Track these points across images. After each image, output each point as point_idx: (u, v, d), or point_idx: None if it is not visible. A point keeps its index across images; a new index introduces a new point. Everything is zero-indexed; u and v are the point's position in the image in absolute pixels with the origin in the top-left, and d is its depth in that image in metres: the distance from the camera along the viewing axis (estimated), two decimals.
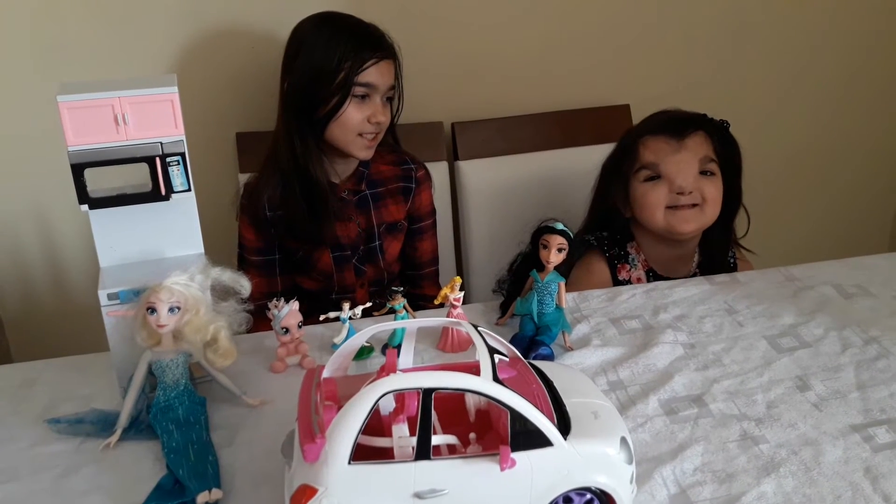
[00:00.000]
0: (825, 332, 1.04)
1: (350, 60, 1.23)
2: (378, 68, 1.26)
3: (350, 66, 1.23)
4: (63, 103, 0.83)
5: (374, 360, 0.99)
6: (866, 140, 1.94)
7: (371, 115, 1.27)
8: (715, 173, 1.26)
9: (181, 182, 0.90)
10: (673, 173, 1.24)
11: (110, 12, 1.42)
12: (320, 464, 0.62)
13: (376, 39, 1.28)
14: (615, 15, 1.65)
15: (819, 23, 1.78)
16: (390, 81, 1.29)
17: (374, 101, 1.28)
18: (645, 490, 0.76)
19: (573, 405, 0.70)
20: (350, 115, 1.26)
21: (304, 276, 1.37)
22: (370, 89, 1.26)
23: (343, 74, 1.23)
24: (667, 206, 1.25)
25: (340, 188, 1.35)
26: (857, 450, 0.81)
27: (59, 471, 0.80)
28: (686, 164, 1.24)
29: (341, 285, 1.36)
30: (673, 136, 1.25)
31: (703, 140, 1.26)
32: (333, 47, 1.24)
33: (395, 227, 1.39)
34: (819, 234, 2.02)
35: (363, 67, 1.24)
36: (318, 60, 1.24)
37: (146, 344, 0.85)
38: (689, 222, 1.24)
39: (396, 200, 1.39)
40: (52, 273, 1.57)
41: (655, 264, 1.32)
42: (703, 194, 1.24)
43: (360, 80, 1.24)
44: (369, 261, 1.37)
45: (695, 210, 1.24)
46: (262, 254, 1.35)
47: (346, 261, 1.35)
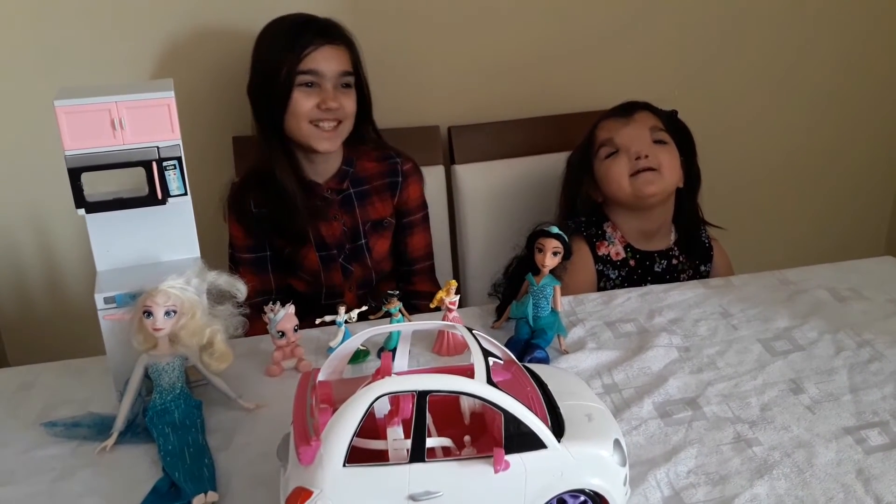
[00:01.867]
0: (819, 335, 1.04)
1: (290, 49, 1.24)
2: (321, 53, 1.25)
3: (291, 55, 1.24)
4: (60, 108, 0.84)
5: (369, 364, 1.00)
6: (861, 143, 1.95)
7: (321, 101, 1.26)
8: (667, 142, 1.35)
9: (177, 186, 0.91)
10: (627, 142, 1.34)
11: (107, 17, 1.42)
12: (315, 466, 0.62)
13: (320, 27, 1.27)
14: (611, 19, 1.66)
15: (812, 26, 1.79)
16: (340, 67, 1.28)
17: (323, 88, 1.26)
18: (639, 492, 0.76)
19: (567, 407, 0.71)
20: (299, 104, 1.25)
21: (293, 276, 1.37)
22: (316, 76, 1.25)
23: (286, 65, 1.24)
24: (630, 175, 1.33)
25: (323, 187, 1.35)
26: (850, 452, 0.81)
27: (55, 474, 0.80)
28: (637, 133, 1.34)
29: (329, 286, 1.36)
30: (621, 115, 1.38)
31: (649, 116, 1.37)
32: (277, 41, 1.26)
33: (380, 225, 1.38)
34: (813, 238, 2.02)
35: (304, 53, 1.24)
36: (265, 56, 1.27)
37: (142, 347, 0.85)
38: (652, 184, 1.32)
39: (382, 197, 1.38)
40: (49, 277, 1.57)
41: (632, 239, 1.38)
42: (659, 159, 1.33)
43: (303, 67, 1.24)
44: (356, 260, 1.37)
45: (654, 173, 1.32)
46: (253, 251, 1.35)
47: (332, 260, 1.35)
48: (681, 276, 1.39)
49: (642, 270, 1.37)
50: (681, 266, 1.40)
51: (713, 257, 1.43)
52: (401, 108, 1.61)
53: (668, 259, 1.39)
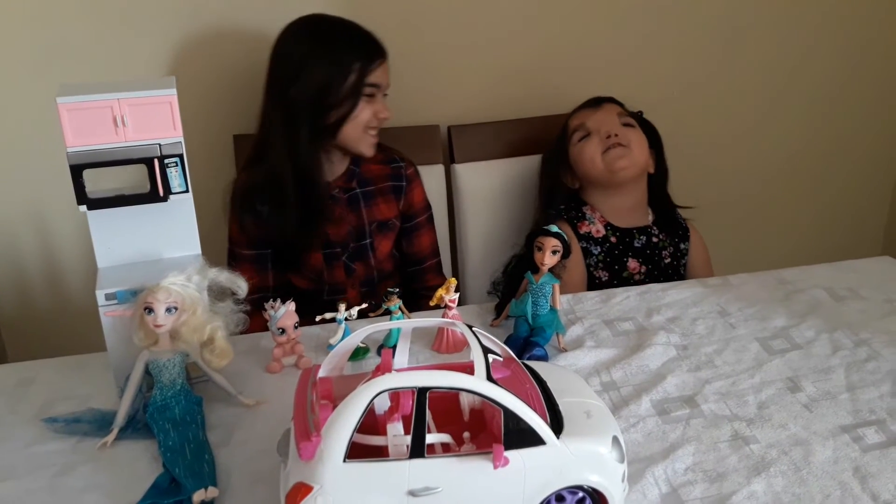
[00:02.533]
0: (816, 334, 1.05)
1: (360, 63, 1.28)
2: (382, 68, 1.32)
3: (360, 69, 1.28)
4: (62, 105, 0.84)
5: (369, 361, 1.00)
6: (859, 144, 1.95)
7: (378, 110, 1.32)
8: (634, 126, 1.43)
9: (179, 183, 0.91)
10: (598, 125, 1.42)
11: (109, 14, 1.43)
12: (315, 462, 0.63)
13: (376, 42, 1.33)
14: (611, 20, 1.66)
15: (812, 28, 1.79)
16: (388, 80, 1.35)
17: (378, 99, 1.33)
18: (637, 489, 0.76)
19: (566, 405, 0.71)
20: (363, 113, 1.31)
21: (295, 273, 1.37)
22: (376, 88, 1.31)
23: (354, 77, 1.28)
24: (602, 154, 1.40)
25: (331, 186, 1.36)
26: (847, 450, 0.82)
27: (55, 469, 0.80)
28: (606, 117, 1.43)
29: (332, 284, 1.37)
30: (590, 106, 1.48)
31: (616, 106, 1.47)
32: (341, 55, 1.28)
33: (386, 226, 1.40)
34: (812, 238, 2.03)
35: (371, 69, 1.29)
36: (327, 69, 1.27)
37: (143, 344, 0.85)
38: (622, 157, 1.39)
39: (387, 199, 1.40)
40: (50, 273, 1.57)
41: (611, 217, 1.44)
42: (627, 138, 1.41)
43: (370, 80, 1.30)
44: (359, 259, 1.38)
45: (624, 149, 1.40)
46: (254, 248, 1.35)
47: (335, 258, 1.36)
48: (662, 253, 1.44)
49: (623, 246, 1.42)
50: (661, 243, 1.44)
51: (690, 237, 1.49)
52: (401, 107, 1.61)
53: (647, 235, 1.44)
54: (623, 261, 1.41)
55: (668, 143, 1.51)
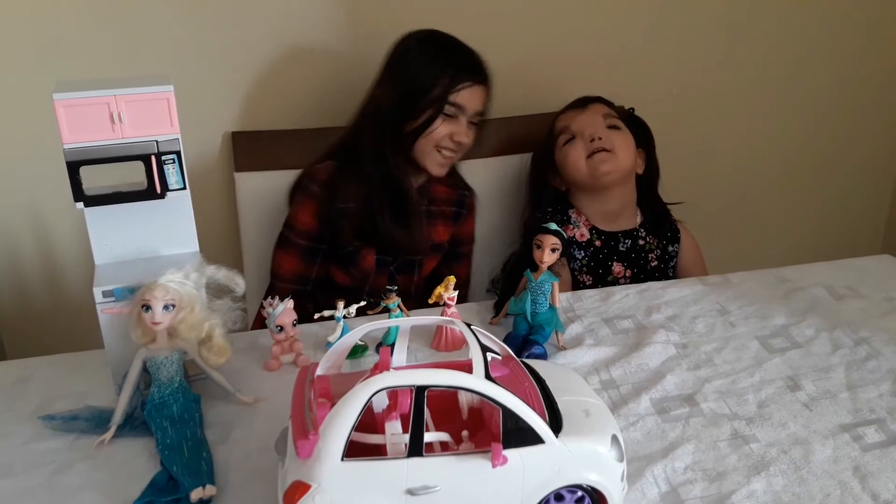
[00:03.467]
0: (816, 332, 1.05)
1: (447, 78, 1.27)
2: (471, 91, 1.30)
3: (446, 84, 1.27)
4: (59, 101, 0.83)
5: (367, 359, 1.00)
6: (859, 143, 1.95)
7: (454, 133, 1.30)
8: (620, 128, 1.42)
9: (176, 180, 0.91)
10: (582, 127, 1.41)
11: (106, 11, 1.42)
12: (313, 460, 0.63)
13: (476, 64, 1.32)
14: (611, 17, 1.66)
15: (812, 27, 1.79)
16: (478, 107, 1.33)
17: (459, 122, 1.31)
18: (636, 488, 0.76)
19: (565, 403, 0.71)
20: (437, 130, 1.29)
21: (341, 269, 1.35)
22: (459, 110, 1.30)
23: (438, 91, 1.27)
24: (586, 158, 1.39)
25: None
26: (847, 449, 0.82)
27: (53, 467, 0.80)
28: (591, 119, 1.42)
29: (373, 288, 1.35)
30: (576, 106, 1.46)
31: (602, 106, 1.45)
32: (434, 64, 1.29)
33: (438, 248, 1.41)
34: (811, 237, 2.03)
35: (458, 88, 1.28)
36: (416, 75, 1.29)
37: (141, 341, 0.85)
38: (606, 162, 1.38)
39: (446, 223, 1.41)
40: (47, 271, 1.57)
41: (596, 221, 1.44)
42: (612, 142, 1.39)
43: (452, 99, 1.28)
44: (405, 272, 1.38)
45: (608, 153, 1.38)
46: (312, 240, 1.32)
47: (385, 265, 1.35)
48: (648, 256, 1.43)
49: (608, 250, 1.42)
50: (648, 246, 1.44)
51: (680, 239, 1.47)
52: None
53: (633, 239, 1.43)
54: (608, 265, 1.41)
55: (666, 140, 1.50)
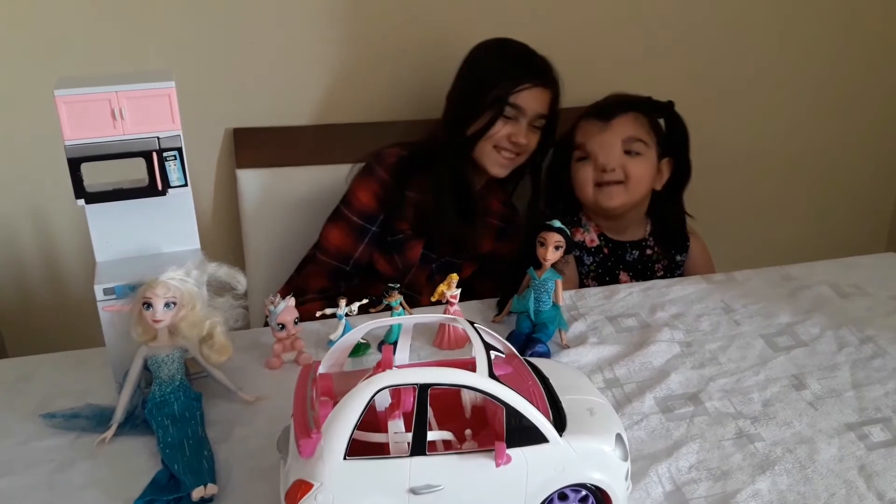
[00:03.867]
0: (821, 331, 1.04)
1: (508, 80, 1.28)
2: (532, 93, 1.30)
3: (507, 86, 1.28)
4: (60, 97, 0.83)
5: (370, 357, 0.99)
6: (865, 140, 1.94)
7: (512, 133, 1.30)
8: (641, 153, 1.34)
9: (178, 177, 0.90)
10: (597, 152, 1.34)
11: (107, 7, 1.42)
12: (315, 459, 0.62)
13: (538, 67, 1.32)
14: (616, 15, 1.65)
15: (819, 24, 1.78)
16: (540, 109, 1.32)
17: (519, 123, 1.31)
18: (640, 487, 0.76)
19: (569, 402, 0.70)
20: (494, 130, 1.30)
21: (386, 257, 1.35)
22: (518, 111, 1.30)
23: (498, 92, 1.28)
24: (595, 183, 1.34)
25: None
26: (852, 448, 0.81)
27: (54, 465, 0.80)
28: (609, 144, 1.33)
29: (411, 281, 1.35)
30: (599, 118, 1.36)
31: (630, 121, 1.35)
32: (497, 66, 1.31)
33: (480, 257, 1.40)
34: (817, 235, 2.02)
35: (518, 89, 1.28)
36: (480, 77, 1.31)
37: (142, 339, 0.85)
38: (614, 198, 1.33)
39: (490, 235, 1.41)
40: (48, 268, 1.56)
41: (605, 229, 1.41)
42: (627, 172, 1.33)
43: (512, 100, 1.28)
44: (444, 272, 1.37)
45: (620, 186, 1.33)
46: (365, 220, 1.33)
47: (428, 262, 1.35)
48: (654, 266, 1.41)
49: (615, 259, 1.39)
50: (655, 256, 1.41)
51: (689, 247, 1.43)
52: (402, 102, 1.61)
53: (640, 249, 1.41)
54: (615, 273, 1.39)
55: None
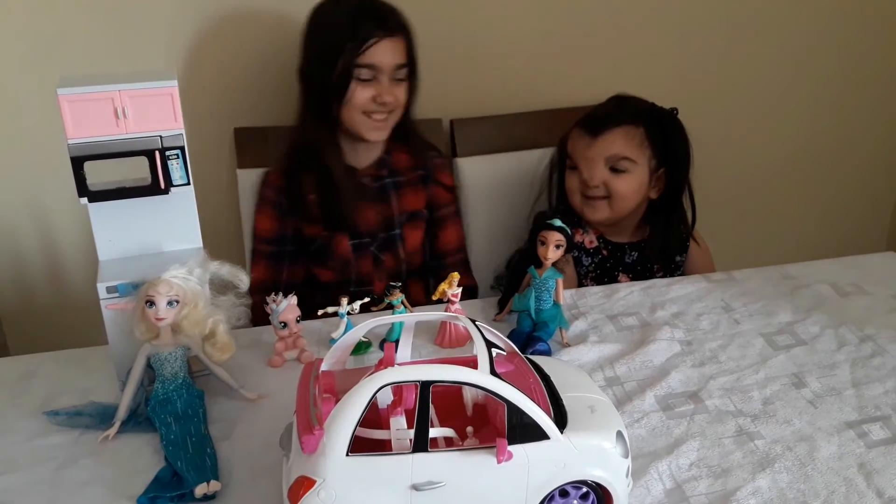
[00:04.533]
0: (821, 329, 1.04)
1: (350, 41, 1.21)
2: (381, 46, 1.22)
3: (351, 48, 1.21)
4: (63, 96, 0.83)
5: (371, 356, 0.99)
6: (864, 140, 1.94)
7: (377, 94, 1.25)
8: (627, 170, 1.31)
9: (180, 176, 0.91)
10: (582, 165, 1.33)
11: (108, 5, 1.42)
12: (318, 455, 0.63)
13: (379, 17, 1.24)
14: (614, 13, 1.65)
15: (817, 23, 1.78)
16: (397, 60, 1.25)
17: (380, 82, 1.25)
18: (641, 484, 0.76)
19: (570, 399, 0.71)
20: (355, 96, 1.24)
21: (321, 265, 1.34)
22: (374, 70, 1.24)
23: (345, 56, 1.21)
24: (581, 193, 1.34)
25: (361, 174, 1.34)
26: (852, 446, 0.82)
27: (57, 463, 0.80)
28: (593, 162, 1.32)
29: (358, 275, 1.34)
30: (588, 131, 1.33)
31: (618, 138, 1.31)
32: (335, 27, 1.23)
33: (416, 216, 1.37)
34: (816, 234, 2.02)
35: (363, 49, 1.21)
36: (321, 41, 1.24)
37: (145, 337, 0.85)
38: (598, 212, 1.34)
39: (416, 189, 1.37)
40: (51, 266, 1.57)
41: (604, 232, 1.40)
42: (610, 189, 1.31)
43: (362, 61, 1.22)
44: (388, 250, 1.36)
45: (604, 201, 1.33)
46: (277, 243, 1.33)
47: (364, 248, 1.33)
48: (653, 268, 1.40)
49: (614, 260, 1.39)
50: (652, 256, 1.40)
51: (688, 248, 1.41)
52: None
53: (639, 251, 1.40)
54: (614, 275, 1.38)
55: None
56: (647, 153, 1.33)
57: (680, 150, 1.35)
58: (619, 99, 1.40)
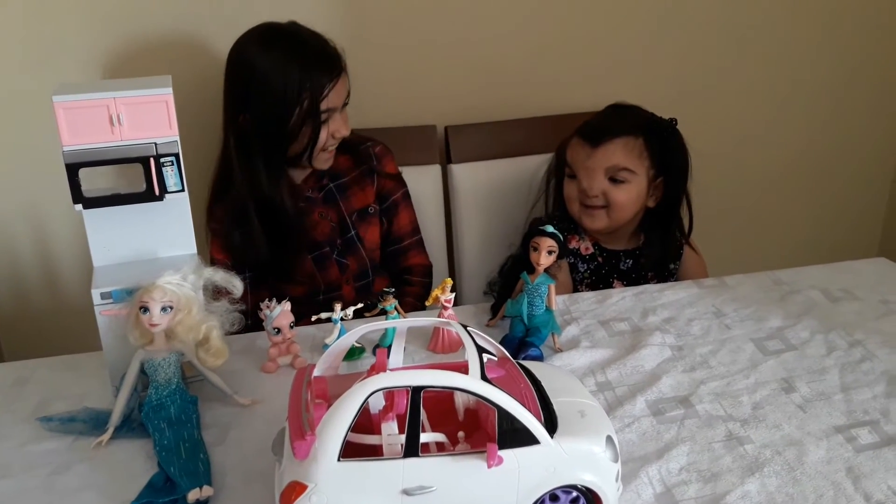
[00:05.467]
0: (811, 335, 1.05)
1: (307, 90, 1.20)
2: (335, 91, 1.24)
3: (308, 96, 1.21)
4: (59, 103, 0.84)
5: (364, 361, 1.00)
6: (857, 147, 1.96)
7: (334, 130, 1.27)
8: (626, 181, 1.32)
9: (175, 182, 0.91)
10: (581, 174, 1.34)
11: (104, 13, 1.43)
12: (310, 461, 0.63)
13: (329, 59, 1.24)
14: (610, 20, 1.66)
15: (814, 31, 1.79)
16: (344, 92, 1.28)
17: (334, 119, 1.27)
18: (631, 489, 0.77)
19: (560, 404, 0.71)
20: (318, 139, 1.26)
21: (288, 283, 1.34)
22: (330, 112, 1.25)
23: (302, 105, 1.21)
24: (580, 203, 1.35)
25: (304, 188, 1.34)
26: (840, 450, 0.82)
27: (51, 468, 0.81)
28: (592, 172, 1.32)
29: (327, 283, 1.35)
30: (588, 141, 1.34)
31: (618, 149, 1.32)
32: (287, 75, 1.20)
33: (366, 213, 1.38)
34: (808, 241, 2.03)
35: (322, 96, 1.22)
36: (278, 92, 1.20)
37: (139, 343, 0.85)
38: (596, 221, 1.34)
39: (362, 185, 1.38)
40: (46, 272, 1.57)
41: (599, 239, 1.41)
42: (609, 199, 1.32)
43: (322, 107, 1.23)
44: (349, 253, 1.36)
45: (602, 211, 1.34)
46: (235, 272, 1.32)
47: (326, 258, 1.34)
48: (647, 275, 1.41)
49: (609, 268, 1.39)
50: (648, 264, 1.41)
51: (682, 255, 1.42)
52: (398, 107, 1.62)
53: (634, 258, 1.41)
54: (609, 281, 1.40)
55: None
56: (646, 163, 1.33)
57: (679, 160, 1.36)
58: (618, 108, 1.40)
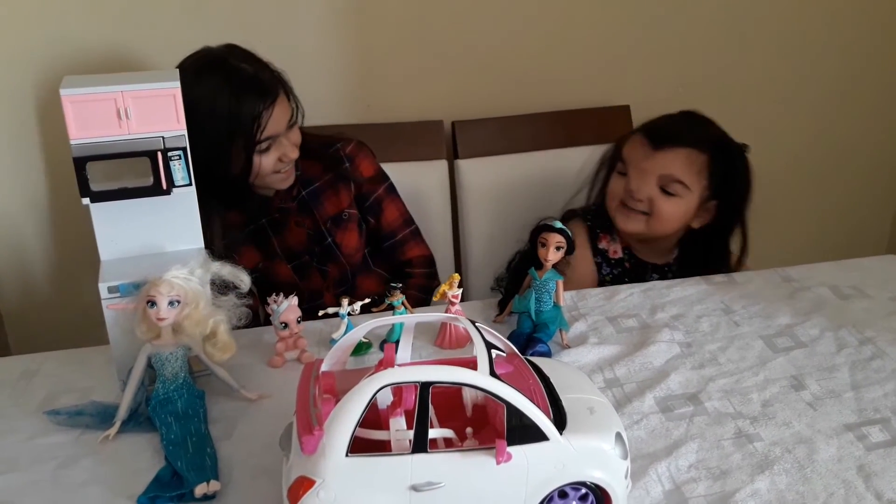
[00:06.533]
0: (821, 332, 1.04)
1: (243, 122, 1.14)
2: (273, 117, 1.16)
3: (246, 126, 1.14)
4: (66, 97, 0.84)
5: (371, 356, 1.00)
6: (866, 144, 1.94)
7: (282, 155, 1.21)
8: (677, 194, 1.25)
9: (182, 176, 0.91)
10: (631, 176, 1.27)
11: (113, 9, 1.43)
12: (318, 456, 0.63)
13: (260, 88, 1.15)
14: (617, 16, 1.65)
15: (820, 27, 1.78)
16: (287, 116, 1.20)
17: (279, 143, 1.20)
18: (640, 486, 0.76)
19: (569, 401, 0.71)
20: (263, 167, 1.20)
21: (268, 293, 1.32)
22: (274, 138, 1.19)
23: (240, 137, 1.15)
24: (621, 201, 1.28)
25: (276, 200, 1.31)
26: (851, 448, 0.82)
27: (58, 462, 0.81)
28: (644, 174, 1.25)
29: (310, 291, 1.32)
30: (651, 141, 1.26)
31: (679, 159, 1.24)
32: (221, 106, 1.12)
33: (339, 219, 1.32)
34: (817, 237, 2.02)
35: (259, 127, 1.15)
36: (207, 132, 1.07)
37: (146, 337, 0.85)
38: (630, 224, 1.28)
39: (336, 189, 1.33)
40: (53, 266, 1.57)
41: (632, 243, 1.35)
42: (654, 207, 1.25)
43: (260, 137, 1.16)
44: (329, 260, 1.33)
45: (642, 216, 1.27)
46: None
47: (306, 267, 1.32)
48: None
49: (633, 277, 1.32)
50: None
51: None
52: (405, 102, 1.62)
53: (661, 273, 1.34)
54: None
55: None
56: (704, 182, 1.25)
57: (741, 187, 1.28)
58: (690, 116, 1.31)
